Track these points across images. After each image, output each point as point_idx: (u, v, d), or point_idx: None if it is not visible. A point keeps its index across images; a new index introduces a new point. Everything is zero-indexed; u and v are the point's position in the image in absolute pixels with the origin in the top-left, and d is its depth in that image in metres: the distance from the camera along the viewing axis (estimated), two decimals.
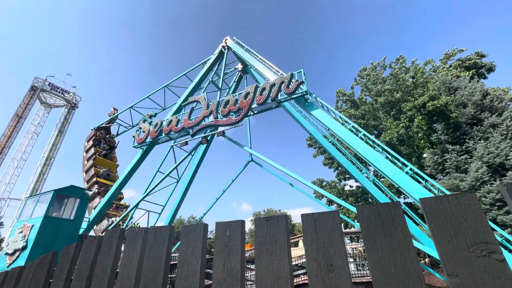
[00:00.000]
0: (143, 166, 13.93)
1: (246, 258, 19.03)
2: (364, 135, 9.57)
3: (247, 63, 14.46)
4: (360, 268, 13.11)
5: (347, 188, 27.11)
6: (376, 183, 13.71)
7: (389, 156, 9.48)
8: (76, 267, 1.62)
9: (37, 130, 40.35)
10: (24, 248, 9.13)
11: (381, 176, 19.55)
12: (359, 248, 14.56)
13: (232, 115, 11.11)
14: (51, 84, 41.13)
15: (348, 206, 9.06)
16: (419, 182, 8.57)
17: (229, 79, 17.61)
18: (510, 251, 7.64)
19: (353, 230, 17.36)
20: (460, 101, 17.49)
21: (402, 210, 0.90)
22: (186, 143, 12.52)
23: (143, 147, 13.54)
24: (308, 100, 10.47)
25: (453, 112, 17.56)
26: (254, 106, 10.81)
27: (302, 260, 14.52)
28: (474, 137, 15.61)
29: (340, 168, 26.00)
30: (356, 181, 14.14)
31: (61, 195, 10.51)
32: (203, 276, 1.19)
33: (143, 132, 13.33)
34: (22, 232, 9.58)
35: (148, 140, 13.03)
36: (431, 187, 9.07)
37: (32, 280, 1.77)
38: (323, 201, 24.57)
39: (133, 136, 13.69)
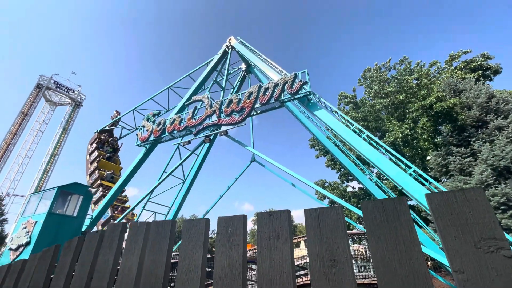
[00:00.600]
0: (148, 165, 14.01)
1: (248, 257, 19.01)
2: (367, 136, 9.52)
3: (250, 62, 14.46)
4: (362, 270, 13.01)
5: (349, 189, 27.00)
6: (379, 185, 13.62)
7: (392, 158, 9.41)
8: (78, 261, 1.62)
9: (42, 128, 40.76)
10: (27, 243, 9.22)
11: (384, 177, 19.43)
12: (361, 250, 14.47)
13: (235, 114, 11.12)
14: (56, 82, 41.50)
15: (350, 207, 9.01)
16: (422, 184, 8.50)
17: (232, 78, 17.63)
18: None
19: (355, 231, 17.26)
20: (465, 103, 17.32)
21: (407, 206, 0.89)
22: (189, 142, 12.56)
23: (146, 146, 13.61)
24: (312, 101, 10.44)
25: (460, 114, 17.39)
26: (257, 106, 10.80)
27: (303, 260, 14.47)
28: (479, 139, 15.44)
29: (342, 170, 25.91)
30: (359, 182, 14.05)
31: (64, 192, 10.59)
32: (205, 271, 1.19)
33: (146, 130, 13.39)
34: (26, 228, 9.68)
35: (151, 138, 13.08)
36: (434, 189, 8.98)
37: (35, 273, 1.78)
38: (325, 202, 24.50)
39: (136, 135, 13.77)
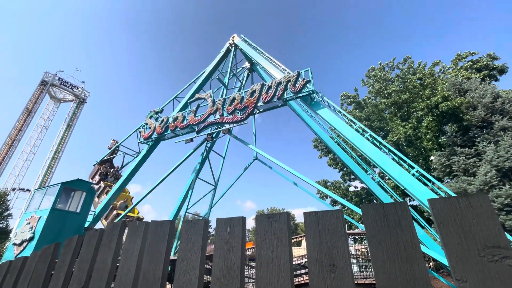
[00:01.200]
0: (150, 162, 14.04)
1: (248, 256, 19.03)
2: (370, 135, 9.45)
3: (253, 61, 14.41)
4: (363, 270, 12.98)
5: (351, 189, 26.92)
6: (382, 185, 13.55)
7: (395, 158, 9.34)
8: (77, 259, 1.62)
9: (46, 124, 41.10)
10: (31, 239, 9.32)
11: (386, 177, 19.33)
12: (363, 249, 14.44)
13: (238, 112, 11.10)
14: (60, 79, 41.77)
15: (352, 207, 8.97)
16: (425, 184, 8.42)
17: (235, 77, 17.58)
18: None
19: (356, 231, 17.22)
20: (470, 103, 17.12)
21: (409, 211, 0.86)
22: (192, 140, 12.57)
23: (148, 143, 13.65)
24: (315, 99, 10.37)
25: (465, 114, 17.19)
26: (260, 104, 10.77)
27: (305, 259, 14.47)
28: (483, 140, 15.27)
29: (345, 169, 25.80)
30: (361, 182, 14.00)
31: (68, 188, 10.69)
32: (202, 272, 1.18)
33: (149, 128, 13.43)
34: (29, 223, 9.78)
35: (154, 136, 13.11)
36: (437, 189, 8.91)
37: (35, 270, 1.78)
38: (327, 201, 24.45)
39: (139, 132, 13.81)
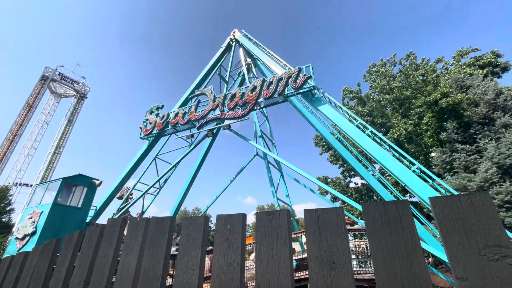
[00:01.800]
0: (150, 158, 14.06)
1: (250, 250, 19.13)
2: (371, 132, 9.43)
3: (254, 56, 14.31)
4: (362, 265, 13.10)
5: (352, 185, 26.97)
6: (382, 181, 13.56)
7: (396, 154, 9.33)
8: (78, 254, 1.63)
9: (47, 119, 41.10)
10: (33, 233, 9.40)
11: (386, 173, 19.33)
12: (362, 245, 14.53)
13: (238, 108, 11.07)
14: (61, 74, 41.62)
15: (352, 203, 9.01)
16: (426, 181, 8.43)
17: (236, 72, 17.49)
18: None
19: (356, 227, 17.30)
20: (472, 99, 17.02)
21: (410, 209, 0.86)
22: (192, 136, 12.57)
23: (149, 139, 13.65)
24: (316, 95, 10.33)
25: (466, 111, 17.10)
26: (261, 100, 10.73)
27: (305, 254, 14.56)
28: (485, 137, 15.22)
29: (345, 165, 25.82)
30: (362, 178, 14.00)
31: (69, 183, 10.74)
32: (203, 268, 1.18)
33: (150, 123, 13.42)
34: (31, 218, 9.85)
35: (155, 131, 13.11)
36: (438, 186, 8.91)
37: (37, 265, 1.80)
38: (328, 197, 24.50)
39: (139, 128, 13.81)
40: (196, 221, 1.27)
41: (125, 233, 1.59)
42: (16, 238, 9.77)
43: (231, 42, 15.40)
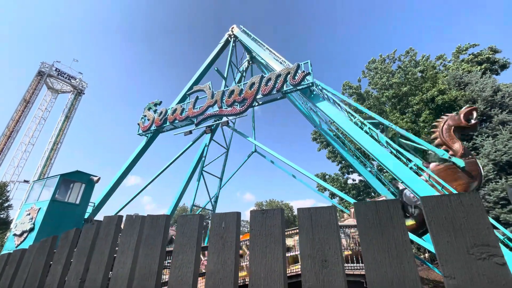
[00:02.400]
0: (152, 155, 14.03)
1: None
2: (369, 128, 9.45)
3: (253, 52, 14.24)
4: (355, 260, 13.23)
5: (350, 181, 27.08)
6: (379, 177, 13.63)
7: (393, 151, 9.37)
8: (75, 251, 1.64)
9: (44, 115, 40.83)
10: (31, 229, 9.40)
11: (384, 170, 19.42)
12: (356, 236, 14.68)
13: (237, 105, 11.04)
14: (58, 70, 41.24)
15: (350, 200, 9.11)
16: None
17: (235, 68, 17.40)
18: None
19: (352, 223, 17.45)
20: (470, 96, 17.07)
21: (401, 209, 0.87)
22: (190, 132, 12.53)
23: (147, 135, 13.61)
24: (314, 92, 10.32)
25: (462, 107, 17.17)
26: (259, 96, 10.71)
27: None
28: (482, 134, 15.30)
29: (343, 162, 25.89)
30: (359, 175, 14.08)
31: (67, 180, 10.71)
32: (198, 266, 1.19)
33: (148, 120, 13.37)
34: (29, 214, 9.85)
35: (153, 128, 13.07)
36: (434, 183, 8.97)
37: (33, 263, 1.80)
38: (326, 194, 24.64)
39: (138, 124, 13.76)
40: (191, 219, 1.28)
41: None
42: (14, 235, 9.77)
43: (229, 38, 15.29)
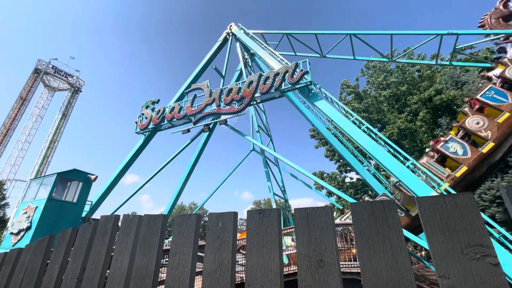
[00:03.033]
0: (151, 153, 14.00)
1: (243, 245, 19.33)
2: (367, 127, 9.48)
3: (251, 50, 14.20)
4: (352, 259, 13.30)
5: (347, 180, 27.20)
6: (377, 176, 13.70)
7: (391, 150, 9.41)
8: (72, 251, 1.63)
9: (41, 113, 40.52)
10: (28, 228, 9.36)
11: (382, 169, 19.53)
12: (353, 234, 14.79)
13: (235, 103, 11.03)
14: (54, 67, 40.89)
15: (347, 198, 9.15)
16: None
17: (233, 67, 17.38)
18: (507, 248, 7.68)
19: (350, 222, 17.55)
20: (467, 95, 17.17)
21: (396, 209, 0.88)
22: (188, 131, 12.50)
23: (145, 133, 13.57)
24: (312, 91, 10.33)
25: (460, 107, 17.28)
26: (257, 95, 10.70)
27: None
28: None
29: (341, 161, 25.98)
30: (357, 173, 14.14)
31: (64, 178, 10.67)
32: (195, 266, 1.20)
33: (146, 118, 13.32)
34: (26, 213, 9.80)
35: (150, 126, 13.03)
36: (431, 181, 9.03)
37: (30, 262, 1.80)
38: (323, 192, 24.71)
39: (135, 122, 13.70)
40: (189, 219, 1.28)
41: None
42: (11, 233, 9.72)
43: (227, 36, 15.24)
